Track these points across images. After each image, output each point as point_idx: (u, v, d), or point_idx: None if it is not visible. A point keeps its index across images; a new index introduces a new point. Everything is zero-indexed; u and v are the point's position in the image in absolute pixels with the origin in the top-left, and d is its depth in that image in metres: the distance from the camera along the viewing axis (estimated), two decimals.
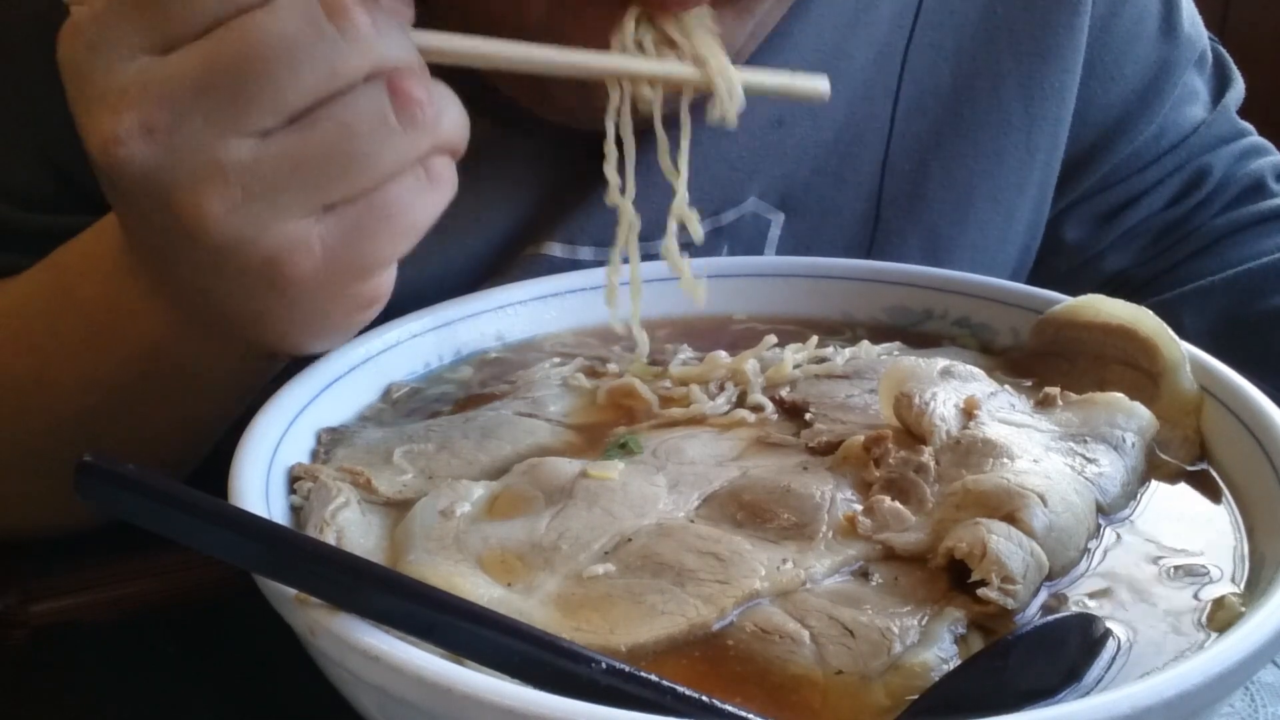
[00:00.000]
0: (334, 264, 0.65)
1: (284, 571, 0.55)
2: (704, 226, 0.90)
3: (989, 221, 1.04)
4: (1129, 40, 1.07)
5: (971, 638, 0.58)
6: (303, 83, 0.62)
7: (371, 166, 0.64)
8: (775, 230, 1.01)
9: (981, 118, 1.02)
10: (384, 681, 0.52)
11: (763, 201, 1.00)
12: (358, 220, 0.65)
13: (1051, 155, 1.06)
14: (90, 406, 0.79)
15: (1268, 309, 1.06)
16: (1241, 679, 0.54)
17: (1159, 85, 1.08)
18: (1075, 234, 1.11)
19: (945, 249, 1.04)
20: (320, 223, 0.64)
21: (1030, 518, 0.61)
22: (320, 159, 0.63)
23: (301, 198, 0.63)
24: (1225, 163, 1.12)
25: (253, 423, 0.69)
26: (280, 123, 0.62)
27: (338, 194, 0.64)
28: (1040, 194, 1.07)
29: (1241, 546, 0.65)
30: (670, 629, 0.57)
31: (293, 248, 0.64)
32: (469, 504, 0.66)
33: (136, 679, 0.75)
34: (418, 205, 0.66)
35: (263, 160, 0.62)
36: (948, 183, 1.02)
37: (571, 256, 0.96)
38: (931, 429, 0.69)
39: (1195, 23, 1.12)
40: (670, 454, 0.71)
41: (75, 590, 0.80)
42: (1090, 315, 0.80)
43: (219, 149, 0.61)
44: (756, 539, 0.63)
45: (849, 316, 0.91)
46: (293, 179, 0.63)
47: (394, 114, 0.63)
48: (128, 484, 0.55)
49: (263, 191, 0.62)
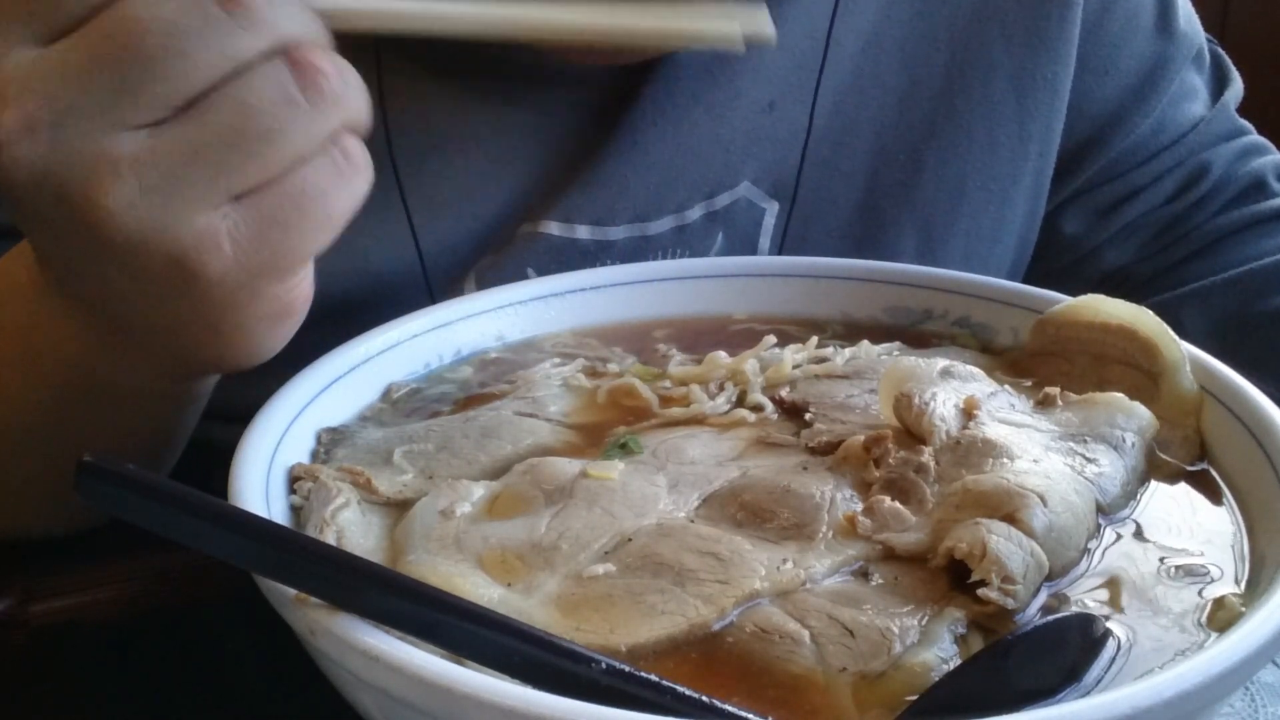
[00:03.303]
0: (246, 261, 0.60)
1: (284, 571, 0.55)
2: (697, 211, 0.93)
3: (983, 210, 1.05)
4: (1123, 36, 1.08)
5: (971, 638, 0.58)
6: (193, 68, 0.58)
7: (279, 148, 0.59)
8: (770, 219, 1.01)
9: (974, 108, 1.03)
10: (384, 682, 0.52)
11: (756, 188, 0.99)
12: (269, 210, 0.60)
13: (1046, 146, 1.06)
14: (29, 424, 0.77)
15: (1268, 309, 1.06)
16: (1241, 679, 0.54)
17: (1155, 80, 1.09)
18: (1073, 227, 1.11)
19: (940, 237, 1.04)
20: (228, 217, 0.59)
21: (1030, 518, 0.61)
22: (221, 145, 0.58)
23: (204, 189, 0.59)
24: (1225, 160, 1.12)
25: (253, 423, 0.69)
26: (171, 111, 0.58)
27: (244, 182, 0.59)
28: (1036, 185, 1.07)
29: (1242, 546, 0.65)
30: (670, 629, 0.57)
31: (199, 244, 0.59)
32: (469, 504, 0.66)
33: (136, 679, 0.75)
34: (333, 190, 0.61)
35: (158, 151, 0.58)
36: (942, 172, 1.03)
37: (569, 235, 0.95)
38: (931, 429, 0.69)
39: (1191, 20, 1.12)
40: (670, 454, 0.71)
41: (75, 590, 0.80)
42: (1090, 315, 0.80)
43: (108, 143, 0.58)
44: (756, 539, 0.63)
45: (849, 316, 0.91)
46: (193, 169, 0.58)
47: (298, 89, 0.59)
48: (128, 484, 0.55)
49: (160, 184, 0.58)
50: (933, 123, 1.02)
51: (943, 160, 1.03)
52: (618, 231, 0.96)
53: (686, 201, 0.97)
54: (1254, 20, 2.46)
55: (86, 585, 0.81)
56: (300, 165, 0.60)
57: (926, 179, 1.03)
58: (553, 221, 0.95)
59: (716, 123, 0.96)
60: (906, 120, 1.02)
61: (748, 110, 0.98)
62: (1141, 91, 1.08)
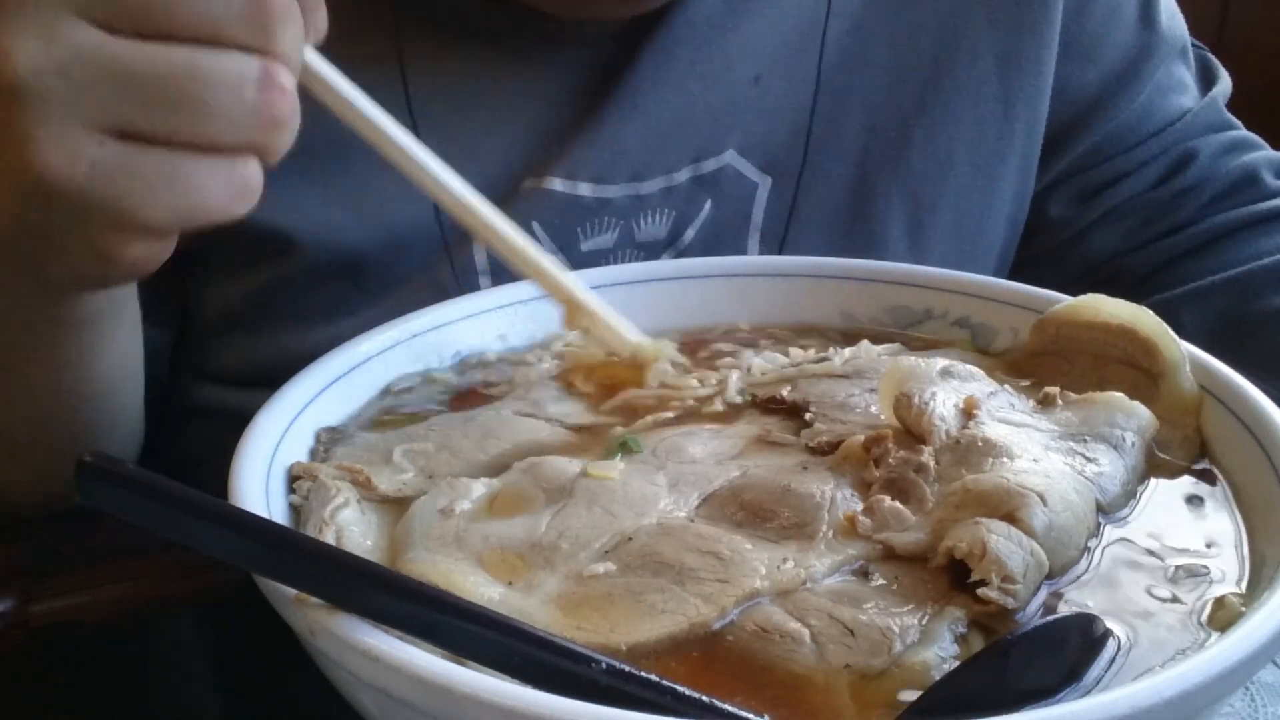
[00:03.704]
0: (93, 195, 0.60)
1: (284, 571, 0.55)
2: (685, 174, 0.99)
3: (971, 185, 1.08)
4: (1105, 26, 1.11)
5: (972, 637, 0.58)
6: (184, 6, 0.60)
7: (200, 122, 0.61)
8: (764, 193, 1.03)
9: (960, 87, 1.06)
10: (384, 682, 0.52)
11: (744, 159, 1.02)
12: (144, 166, 0.61)
13: (1032, 126, 1.09)
14: None
15: (1268, 309, 1.06)
16: (1241, 679, 0.54)
17: (1138, 68, 1.12)
18: (1059, 210, 1.14)
19: (929, 209, 1.07)
20: (103, 146, 0.60)
21: (1030, 517, 0.61)
22: (152, 83, 0.60)
23: (101, 108, 0.59)
24: (1212, 150, 1.13)
25: (253, 423, 0.69)
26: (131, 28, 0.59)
27: (146, 124, 0.60)
28: (1024, 164, 1.10)
29: (1242, 547, 0.65)
30: (671, 628, 0.57)
31: (60, 151, 0.59)
32: (469, 502, 0.66)
33: (136, 679, 0.75)
34: (211, 191, 0.62)
35: (92, 50, 0.59)
36: (930, 148, 1.06)
37: (572, 192, 0.98)
38: (931, 429, 0.69)
39: (1174, 18, 1.15)
40: (670, 453, 0.71)
41: (75, 590, 0.80)
42: (1090, 315, 0.80)
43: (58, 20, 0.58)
44: (757, 538, 0.63)
45: (849, 316, 0.91)
46: (106, 83, 0.59)
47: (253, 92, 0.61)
48: (128, 484, 0.55)
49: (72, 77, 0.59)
50: (921, 101, 1.06)
51: (931, 137, 1.06)
52: (614, 190, 0.99)
53: (675, 164, 1.00)
54: (1254, 20, 2.46)
55: (86, 585, 0.81)
56: (202, 152, 0.61)
57: (915, 154, 1.06)
58: (556, 178, 0.97)
59: (707, 91, 1.00)
60: (896, 100, 1.05)
61: (736, 82, 1.02)
62: (1124, 78, 1.11)
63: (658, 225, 1.01)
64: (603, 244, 1.00)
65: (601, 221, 0.99)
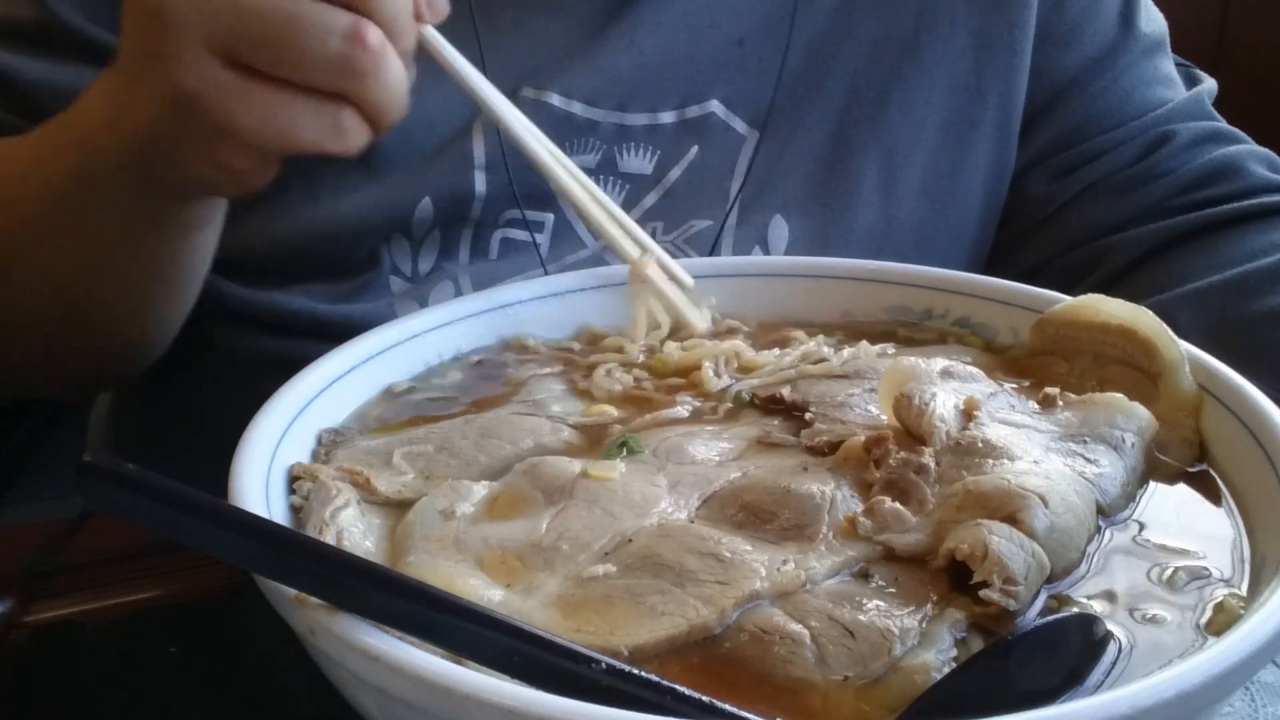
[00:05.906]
0: (215, 110, 0.72)
1: (284, 571, 0.55)
2: (669, 116, 1.09)
3: (941, 148, 1.16)
4: (1084, 16, 1.17)
5: (972, 639, 0.58)
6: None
7: (293, 62, 0.71)
8: (748, 147, 1.12)
9: (938, 59, 1.15)
10: (384, 682, 0.52)
11: (731, 113, 1.11)
12: (252, 92, 0.72)
13: (1006, 100, 1.16)
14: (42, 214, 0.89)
15: (1264, 310, 1.06)
16: (1241, 679, 0.54)
17: (1116, 53, 1.17)
18: (1038, 187, 1.19)
19: (900, 165, 1.15)
20: (225, 70, 0.71)
21: (1031, 519, 0.61)
22: (261, 23, 0.70)
23: (224, 38, 0.71)
24: (1192, 135, 1.16)
25: (253, 423, 0.69)
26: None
27: (255, 58, 0.71)
28: (1000, 135, 1.16)
29: (1242, 547, 0.65)
30: (671, 630, 0.57)
31: (192, 70, 0.71)
32: (469, 504, 0.66)
33: (136, 679, 0.75)
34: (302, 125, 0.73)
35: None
36: (906, 109, 1.15)
37: (567, 109, 1.06)
38: (931, 429, 0.69)
39: (1153, 21, 1.21)
40: (670, 454, 0.71)
41: (75, 590, 0.80)
42: (1090, 315, 0.80)
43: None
44: (757, 540, 0.63)
45: (849, 316, 0.91)
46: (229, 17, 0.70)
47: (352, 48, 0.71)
48: (128, 484, 0.55)
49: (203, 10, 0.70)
50: (901, 68, 1.14)
51: (907, 99, 1.15)
52: (600, 114, 1.07)
53: (659, 103, 1.09)
54: (1254, 20, 2.46)
55: (86, 585, 0.81)
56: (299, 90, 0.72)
57: (892, 114, 1.15)
58: (554, 94, 1.05)
59: (693, 42, 1.09)
60: (877, 68, 1.14)
61: (720, 41, 1.10)
62: (1102, 62, 1.17)
63: (642, 161, 1.09)
64: (586, 163, 1.06)
65: (587, 142, 1.07)
